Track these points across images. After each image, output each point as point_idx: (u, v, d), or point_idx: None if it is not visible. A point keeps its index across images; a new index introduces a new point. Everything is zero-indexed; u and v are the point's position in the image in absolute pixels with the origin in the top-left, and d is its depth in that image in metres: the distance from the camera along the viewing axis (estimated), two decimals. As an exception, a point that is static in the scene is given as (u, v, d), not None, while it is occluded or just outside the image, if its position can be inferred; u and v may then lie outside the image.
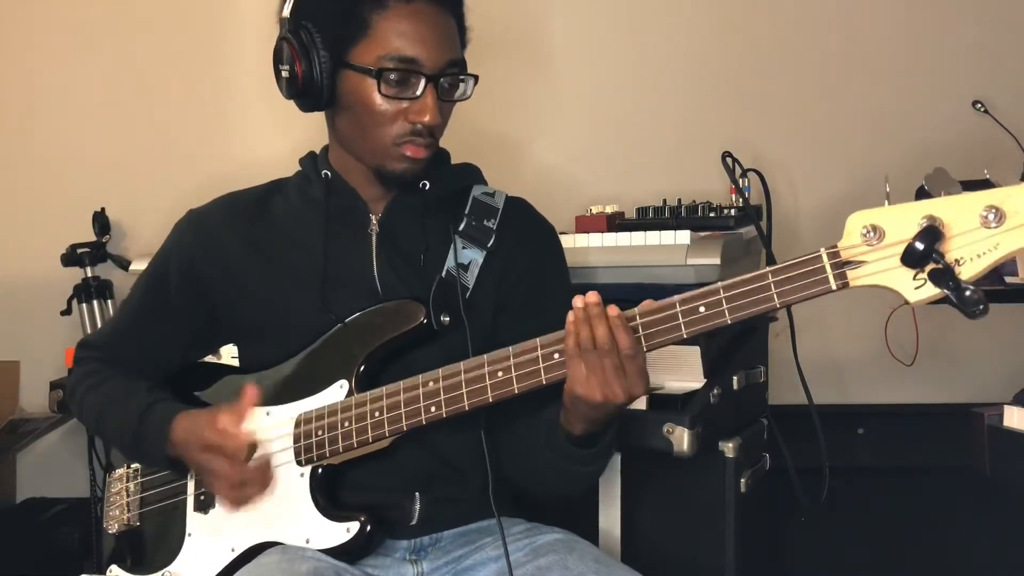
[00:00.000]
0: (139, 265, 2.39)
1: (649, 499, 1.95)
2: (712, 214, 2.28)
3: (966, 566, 2.40)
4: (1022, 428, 1.85)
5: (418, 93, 1.47)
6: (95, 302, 2.94)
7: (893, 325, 2.46)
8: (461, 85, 1.52)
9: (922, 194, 2.40)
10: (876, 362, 2.61)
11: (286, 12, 1.51)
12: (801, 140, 2.82)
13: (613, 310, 1.30)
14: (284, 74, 1.50)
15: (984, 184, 2.20)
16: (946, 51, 2.78)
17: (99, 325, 2.90)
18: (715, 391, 1.90)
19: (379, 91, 1.46)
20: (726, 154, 2.14)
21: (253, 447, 1.48)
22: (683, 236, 2.07)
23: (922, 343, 2.40)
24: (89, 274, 2.95)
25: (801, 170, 2.78)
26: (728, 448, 1.93)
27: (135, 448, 1.61)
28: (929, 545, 2.47)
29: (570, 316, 1.31)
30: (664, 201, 2.35)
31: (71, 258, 2.94)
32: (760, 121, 2.81)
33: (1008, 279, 2.18)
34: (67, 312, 2.93)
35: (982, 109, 2.59)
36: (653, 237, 2.09)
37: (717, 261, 2.01)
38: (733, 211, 2.27)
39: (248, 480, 1.47)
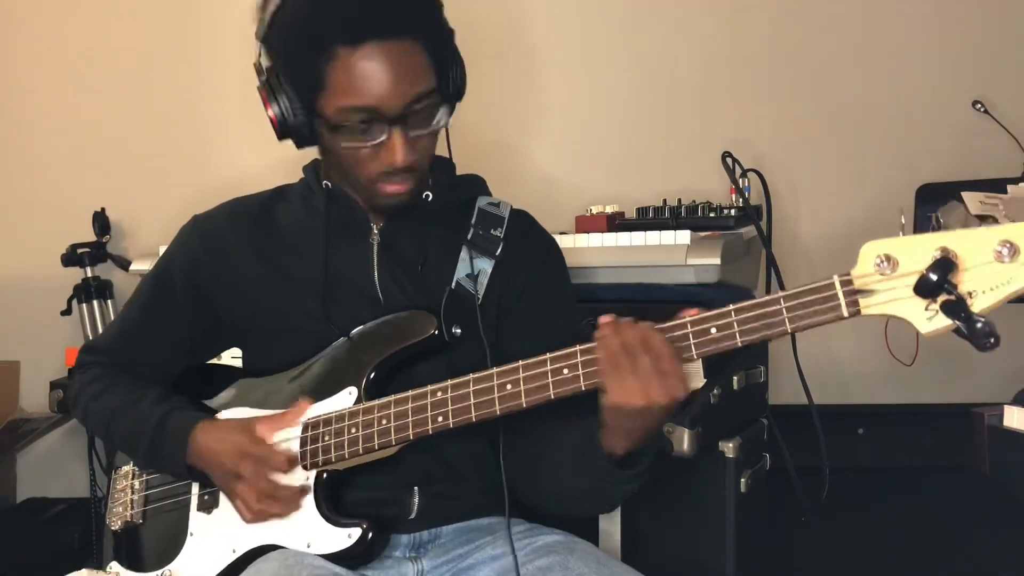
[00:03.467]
0: (139, 265, 2.39)
1: (649, 499, 1.95)
2: (712, 214, 2.28)
3: (966, 566, 2.40)
4: (1022, 428, 1.85)
5: (383, 139, 1.43)
6: (95, 302, 2.94)
7: (893, 325, 2.45)
8: (439, 112, 1.47)
9: (924, 194, 2.41)
10: (876, 362, 2.60)
11: (256, 60, 1.51)
12: (801, 140, 2.82)
13: (642, 323, 1.29)
14: (269, 117, 1.50)
15: (985, 185, 2.21)
16: (946, 51, 2.78)
17: (99, 325, 2.91)
18: (715, 391, 1.90)
19: (342, 143, 1.44)
20: (726, 154, 2.14)
21: (292, 460, 1.48)
22: (683, 236, 2.07)
23: (922, 343, 2.39)
24: (89, 274, 2.96)
25: (801, 170, 2.79)
26: (728, 448, 1.93)
27: (151, 458, 1.61)
28: (929, 545, 2.46)
29: (601, 331, 1.29)
30: (664, 201, 2.35)
31: (71, 258, 2.94)
32: (760, 121, 2.81)
33: (1008, 279, 2.17)
34: (67, 312, 2.94)
35: (982, 109, 2.59)
36: (653, 237, 2.09)
37: (717, 261, 2.01)
38: (733, 211, 2.27)
39: (278, 495, 1.47)
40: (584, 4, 2.94)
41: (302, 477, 1.49)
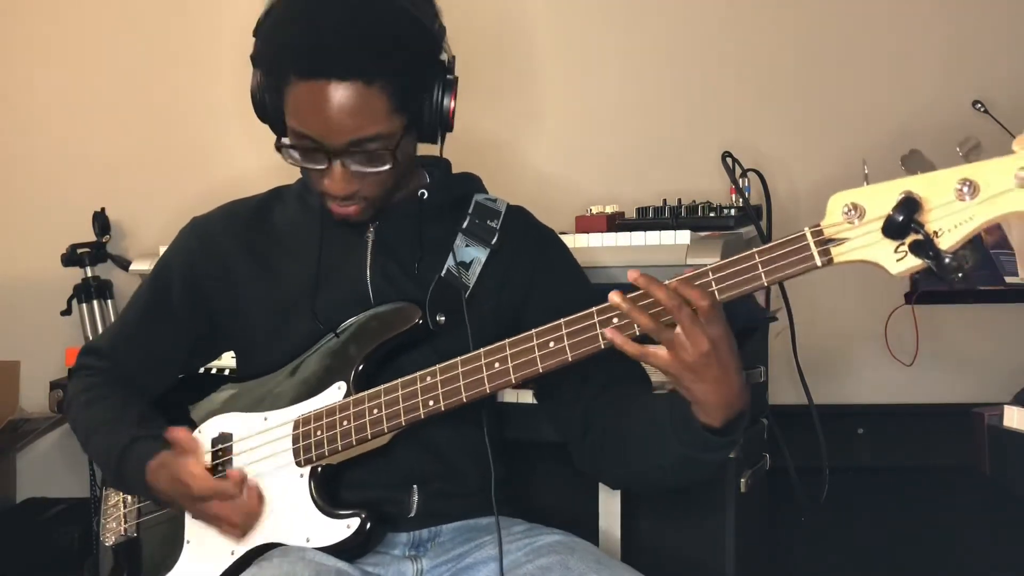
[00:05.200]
0: (139, 265, 2.39)
1: (649, 499, 1.95)
2: (712, 214, 2.28)
3: (966, 566, 2.40)
4: (1022, 428, 1.85)
5: (322, 167, 1.46)
6: (95, 302, 2.95)
7: (893, 325, 2.46)
8: (386, 157, 1.45)
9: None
10: (876, 362, 2.61)
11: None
12: (801, 140, 2.82)
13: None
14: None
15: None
16: (946, 51, 2.78)
17: (99, 325, 2.92)
18: (715, 391, 1.89)
19: (291, 157, 1.47)
20: (726, 154, 2.14)
21: (239, 482, 1.48)
22: (683, 236, 2.07)
23: (922, 343, 2.39)
24: (89, 274, 2.96)
25: (801, 170, 2.78)
26: (728, 448, 1.93)
27: (118, 483, 1.65)
28: (929, 545, 2.46)
29: (613, 323, 1.28)
30: (664, 201, 2.35)
31: (71, 258, 2.95)
32: (760, 121, 2.81)
33: (1008, 279, 2.18)
34: (67, 312, 2.94)
35: (982, 109, 2.59)
36: (653, 237, 2.09)
37: (717, 261, 2.01)
38: (733, 211, 2.27)
39: (250, 509, 1.48)
40: (584, 3, 2.94)
41: (296, 473, 1.49)
